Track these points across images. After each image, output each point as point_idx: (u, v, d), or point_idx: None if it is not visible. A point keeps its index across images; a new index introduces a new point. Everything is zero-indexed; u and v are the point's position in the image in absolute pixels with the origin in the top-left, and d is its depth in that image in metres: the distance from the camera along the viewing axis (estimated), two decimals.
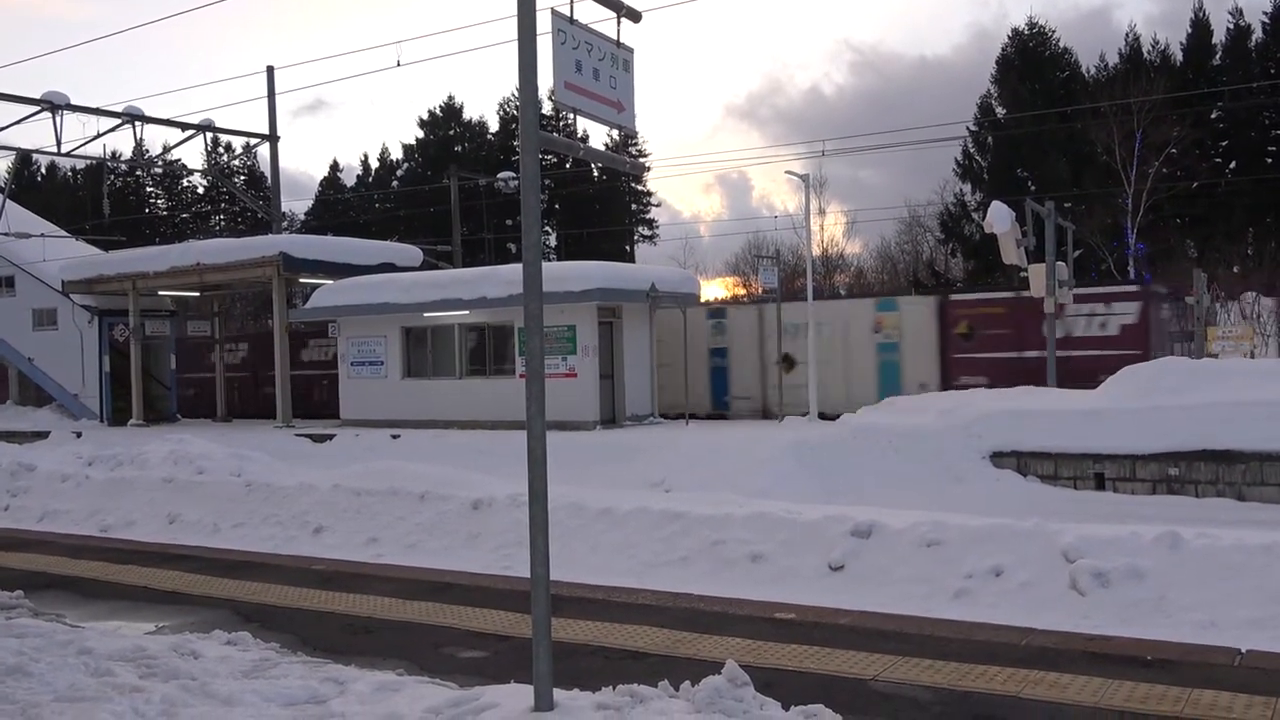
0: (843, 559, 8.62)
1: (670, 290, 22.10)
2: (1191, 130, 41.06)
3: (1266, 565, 7.25)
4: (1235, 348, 17.48)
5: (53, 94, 25.09)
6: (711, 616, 7.81)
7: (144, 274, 27.40)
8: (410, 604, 8.60)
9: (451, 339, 22.92)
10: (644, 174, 55.99)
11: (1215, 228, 43.60)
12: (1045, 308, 18.93)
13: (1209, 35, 48.79)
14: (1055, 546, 7.93)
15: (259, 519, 12.39)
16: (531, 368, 5.14)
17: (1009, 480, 15.02)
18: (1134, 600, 7.29)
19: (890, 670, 6.33)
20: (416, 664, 6.80)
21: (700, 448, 16.87)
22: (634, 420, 21.53)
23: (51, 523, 13.87)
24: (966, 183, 51.96)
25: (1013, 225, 19.23)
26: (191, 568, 10.55)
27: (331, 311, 24.14)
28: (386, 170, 68.05)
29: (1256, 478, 13.63)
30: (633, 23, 5.69)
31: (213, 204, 69.81)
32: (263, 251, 25.58)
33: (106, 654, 6.46)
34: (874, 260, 58.33)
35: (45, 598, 9.16)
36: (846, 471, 15.12)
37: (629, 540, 9.72)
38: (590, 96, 5.38)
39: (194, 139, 29.12)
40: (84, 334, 29.21)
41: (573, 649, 6.94)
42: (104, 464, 15.84)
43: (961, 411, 16.33)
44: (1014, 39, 51.91)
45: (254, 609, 8.67)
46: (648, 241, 64.71)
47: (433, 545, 10.77)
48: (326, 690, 5.82)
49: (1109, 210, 41.40)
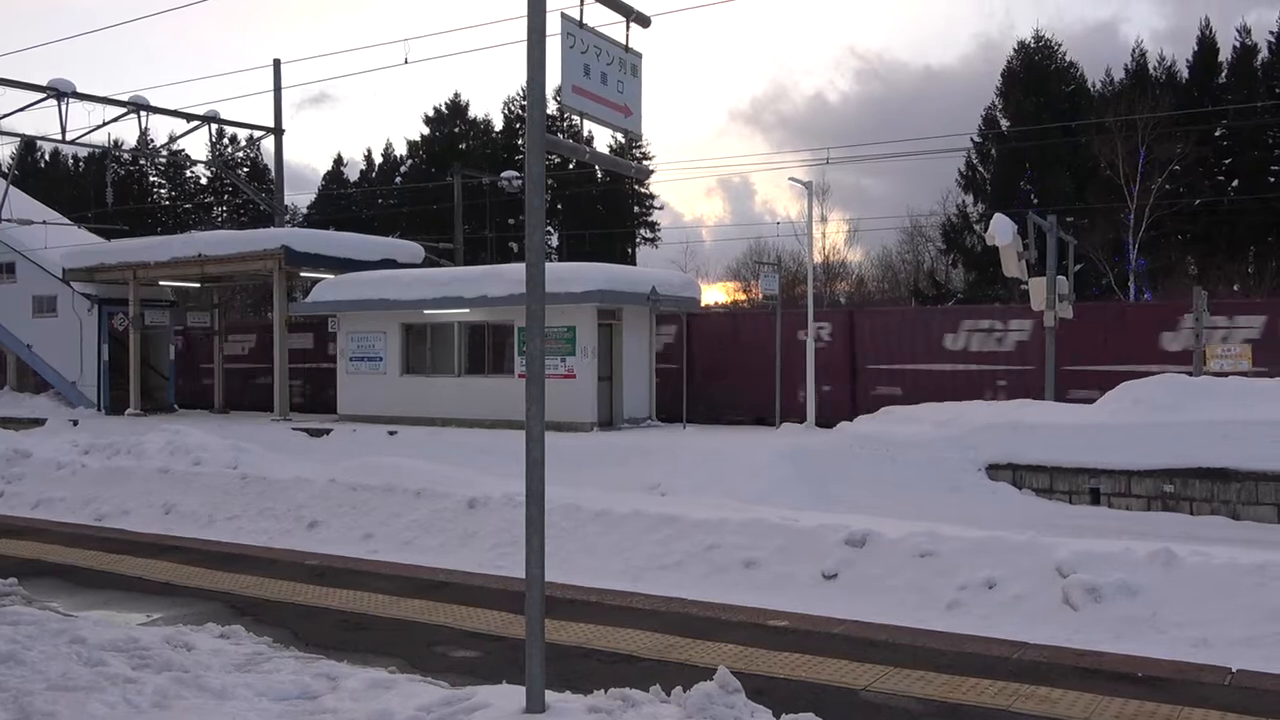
0: (837, 567, 8.63)
1: (671, 294, 22.10)
2: (1195, 147, 41.09)
3: (1259, 585, 7.26)
4: (1234, 366, 17.45)
5: (59, 81, 25.10)
6: (704, 622, 7.82)
7: (145, 264, 27.40)
8: (404, 601, 8.61)
9: (451, 337, 22.93)
10: (648, 178, 56.05)
11: (1217, 245, 43.65)
12: (1045, 321, 18.94)
13: (1215, 54, 48.84)
14: (1049, 560, 7.95)
15: (254, 512, 12.40)
16: (532, 369, 5.15)
17: (1004, 493, 15.02)
18: (1127, 616, 7.31)
19: (881, 681, 6.34)
20: (409, 662, 6.81)
21: (697, 452, 16.88)
22: (631, 423, 21.54)
23: (46, 510, 13.87)
24: (969, 194, 51.99)
25: (1014, 238, 19.23)
26: (186, 559, 10.55)
27: (332, 306, 24.14)
28: (390, 166, 68.02)
29: (1251, 497, 13.64)
30: (642, 28, 5.71)
31: (216, 195, 69.78)
32: (265, 244, 25.59)
33: (99, 644, 6.47)
34: (875, 269, 58.45)
35: (38, 586, 9.16)
36: (842, 479, 15.13)
37: (624, 543, 9.73)
38: (597, 100, 5.40)
39: (198, 130, 29.11)
40: (83, 322, 29.19)
41: (565, 651, 6.95)
42: (100, 453, 15.84)
43: (959, 423, 16.34)
44: (1020, 51, 51.95)
45: (247, 602, 8.68)
46: (650, 244, 64.77)
47: (428, 543, 10.78)
48: (318, 686, 5.82)
49: (1111, 225, 41.43)
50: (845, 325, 22.32)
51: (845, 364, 21.89)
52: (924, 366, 21.01)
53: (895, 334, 21.75)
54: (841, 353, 21.93)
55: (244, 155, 61.13)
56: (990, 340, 20.58)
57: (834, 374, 21.53)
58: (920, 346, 21.21)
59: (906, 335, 21.59)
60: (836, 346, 21.94)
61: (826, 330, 21.95)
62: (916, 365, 21.09)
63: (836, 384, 21.57)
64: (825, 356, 21.17)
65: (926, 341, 21.17)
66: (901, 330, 21.81)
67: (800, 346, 20.85)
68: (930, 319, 22.41)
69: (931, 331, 21.26)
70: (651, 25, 5.74)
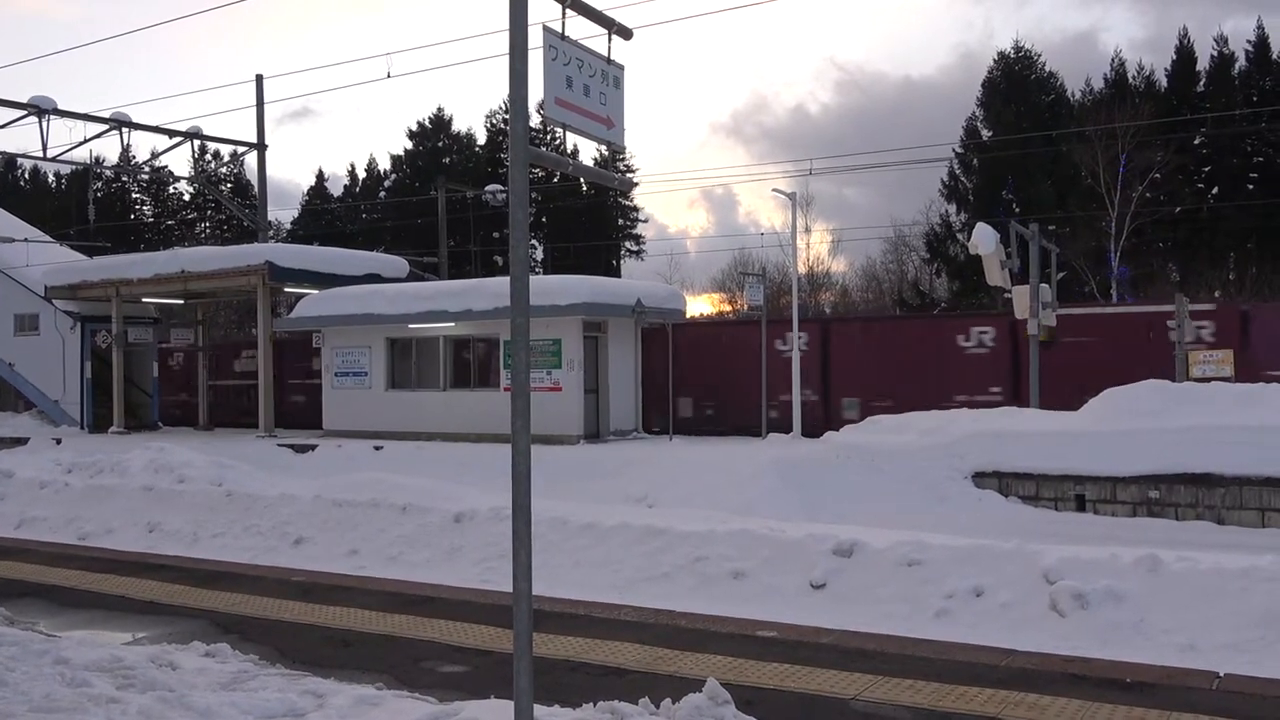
0: (824, 577, 8.63)
1: (656, 306, 22.13)
2: (1175, 156, 41.45)
3: (1245, 589, 7.30)
4: (1217, 371, 17.55)
5: (40, 98, 25.01)
6: (693, 634, 7.80)
7: (128, 280, 27.27)
8: (390, 617, 8.56)
9: (436, 351, 22.88)
10: (632, 190, 56.16)
11: (1197, 252, 43.99)
12: (1029, 329, 19.03)
13: (1193, 62, 49.31)
14: (1036, 567, 7.97)
15: (239, 529, 12.32)
16: (518, 382, 5.13)
17: (990, 501, 15.04)
18: (1114, 622, 7.32)
19: (870, 690, 6.33)
20: (396, 678, 6.77)
21: (684, 463, 16.86)
22: (618, 435, 21.51)
23: (29, 530, 13.76)
24: (952, 203, 52.30)
25: (997, 247, 19.32)
26: (170, 577, 10.47)
27: (316, 321, 24.07)
28: (374, 180, 67.97)
29: (1236, 501, 13.70)
30: (624, 40, 5.71)
31: (199, 211, 69.54)
32: (248, 260, 25.51)
33: (83, 664, 6.41)
34: (859, 279, 58.67)
35: (21, 606, 9.08)
36: (829, 489, 15.13)
37: (611, 556, 9.71)
38: (580, 113, 5.39)
39: (181, 146, 29.03)
40: (66, 340, 29.02)
41: (553, 665, 6.92)
42: (83, 471, 15.73)
43: (944, 431, 16.36)
44: (1000, 62, 52.34)
45: (233, 620, 8.61)
46: (635, 256, 64.86)
47: (414, 558, 10.73)
48: (305, 704, 5.78)
49: (1093, 233, 41.72)
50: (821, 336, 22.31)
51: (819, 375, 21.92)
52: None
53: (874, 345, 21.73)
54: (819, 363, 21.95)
55: (227, 171, 61.01)
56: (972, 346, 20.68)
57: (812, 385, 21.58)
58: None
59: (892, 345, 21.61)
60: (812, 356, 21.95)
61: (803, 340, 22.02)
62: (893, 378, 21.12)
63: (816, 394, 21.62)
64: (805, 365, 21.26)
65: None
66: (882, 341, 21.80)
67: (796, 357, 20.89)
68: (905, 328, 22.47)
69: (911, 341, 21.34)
70: (633, 38, 5.75)
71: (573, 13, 5.20)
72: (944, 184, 52.21)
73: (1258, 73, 48.23)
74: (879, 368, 21.24)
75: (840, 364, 21.74)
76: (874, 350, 21.60)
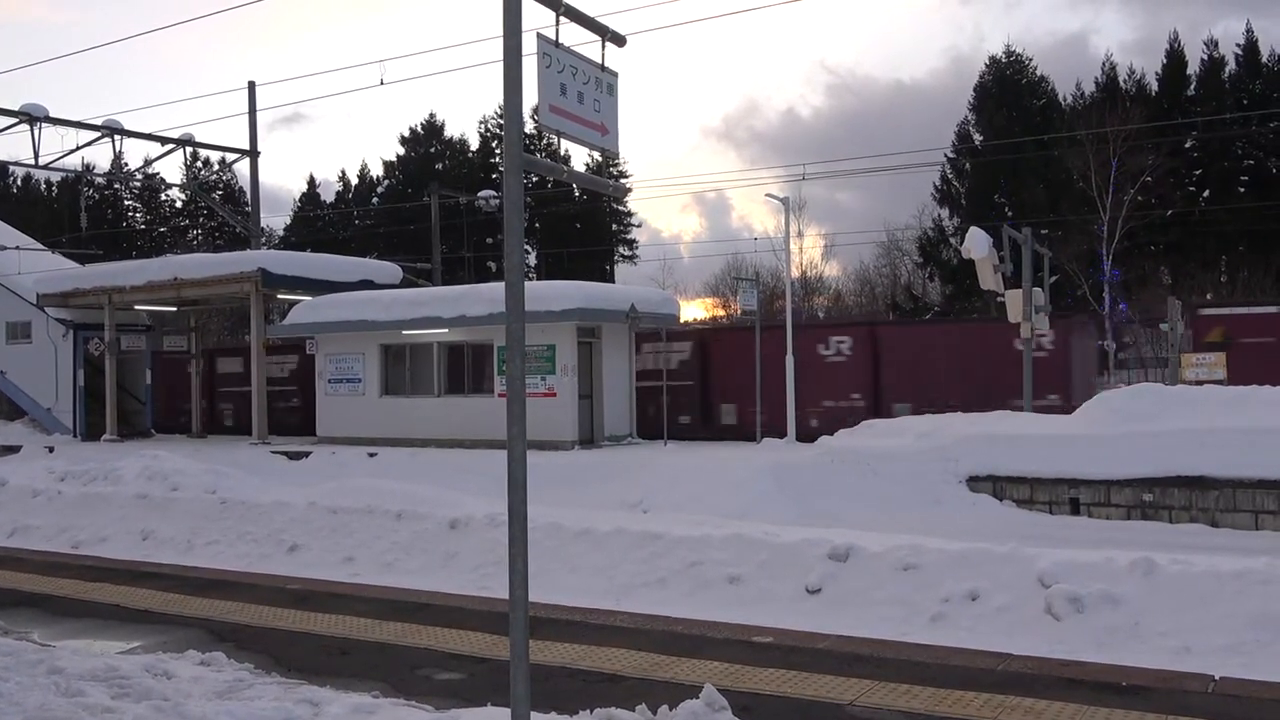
0: (820, 582, 8.63)
1: (650, 311, 22.13)
2: (1166, 159, 41.58)
3: (1240, 592, 7.31)
4: (1210, 374, 17.61)
5: (31, 106, 25.00)
6: (689, 639, 7.80)
7: (120, 288, 27.21)
8: (386, 624, 8.55)
9: (430, 357, 22.86)
10: (626, 195, 56.25)
11: (1189, 255, 44.14)
12: (1021, 333, 19.08)
13: (1184, 66, 49.51)
14: (1031, 571, 7.98)
15: (233, 536, 12.29)
16: (513, 388, 5.13)
17: (985, 504, 15.07)
18: (1109, 626, 7.33)
19: (867, 695, 6.33)
20: (393, 686, 6.75)
21: (679, 469, 16.85)
22: (612, 440, 21.51)
23: (22, 539, 13.70)
24: (945, 207, 52.45)
25: (990, 251, 19.38)
26: (165, 586, 10.44)
27: (309, 328, 24.03)
28: (367, 187, 67.91)
29: (1229, 504, 13.74)
30: (617, 46, 5.72)
31: (191, 219, 69.39)
32: (241, 267, 25.47)
33: (78, 674, 6.38)
34: (852, 283, 58.70)
35: (14, 615, 9.05)
36: (824, 494, 15.14)
37: (607, 561, 9.70)
38: (574, 119, 5.40)
39: (173, 153, 29.02)
40: (58, 348, 28.94)
41: (550, 671, 6.92)
42: (76, 479, 15.68)
43: (939, 435, 16.40)
44: (991, 66, 52.51)
45: (228, 628, 8.59)
46: (628, 262, 64.86)
47: (410, 565, 10.71)
48: (301, 712, 5.76)
49: (1085, 237, 41.86)
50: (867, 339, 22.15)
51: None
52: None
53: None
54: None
55: (219, 178, 60.93)
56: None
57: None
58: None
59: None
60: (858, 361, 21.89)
61: (847, 344, 21.97)
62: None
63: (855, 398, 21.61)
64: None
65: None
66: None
67: (802, 362, 20.90)
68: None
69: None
70: (626, 44, 5.76)
71: (566, 20, 5.20)
72: (936, 188, 52.38)
73: (1248, 76, 48.45)
74: (929, 371, 21.12)
75: (890, 368, 21.59)
76: (926, 355, 21.40)
